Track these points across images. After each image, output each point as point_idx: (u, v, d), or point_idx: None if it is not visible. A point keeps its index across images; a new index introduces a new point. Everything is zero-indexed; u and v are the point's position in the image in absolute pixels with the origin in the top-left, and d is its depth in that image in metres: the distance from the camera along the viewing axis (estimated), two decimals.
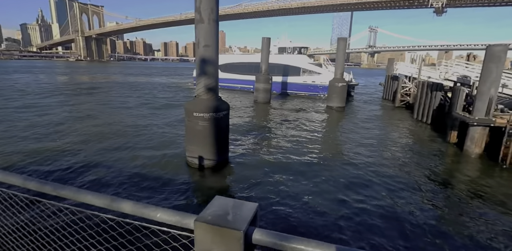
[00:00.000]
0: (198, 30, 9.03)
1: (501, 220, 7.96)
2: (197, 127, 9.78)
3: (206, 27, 8.90)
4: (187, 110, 9.95)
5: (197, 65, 9.56)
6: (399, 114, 26.30)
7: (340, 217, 7.78)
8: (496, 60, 13.64)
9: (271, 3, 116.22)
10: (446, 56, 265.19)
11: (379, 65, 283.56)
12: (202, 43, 9.11)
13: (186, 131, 10.39)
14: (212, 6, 8.71)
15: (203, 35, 9.01)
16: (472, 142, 14.56)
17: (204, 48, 9.14)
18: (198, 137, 9.96)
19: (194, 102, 9.90)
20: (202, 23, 8.87)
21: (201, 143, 10.06)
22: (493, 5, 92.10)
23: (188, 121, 10.03)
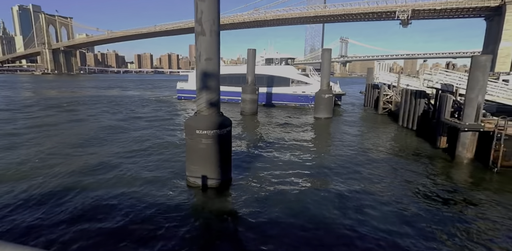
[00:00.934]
0: (199, 42, 8.44)
1: (499, 222, 8.20)
2: (200, 145, 9.03)
3: (207, 39, 8.35)
4: (188, 127, 9.18)
5: (198, 79, 8.92)
6: (384, 121, 26.93)
7: (343, 232, 7.48)
8: (482, 69, 14.21)
9: (246, 15, 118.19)
10: (411, 64, 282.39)
11: (351, 74, 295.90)
12: (204, 56, 8.51)
13: (187, 150, 9.58)
14: (213, 17, 8.20)
15: (205, 48, 8.43)
16: (464, 147, 14.90)
17: (206, 61, 8.54)
18: (201, 155, 9.19)
19: (196, 118, 9.17)
20: (204, 35, 8.31)
21: (204, 162, 9.29)
22: (451, 17, 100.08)
23: (189, 139, 9.24)
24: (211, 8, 8.11)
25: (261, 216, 8.06)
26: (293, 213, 8.29)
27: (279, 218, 8.00)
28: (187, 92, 39.80)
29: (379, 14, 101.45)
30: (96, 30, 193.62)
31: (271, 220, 7.86)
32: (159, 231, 7.23)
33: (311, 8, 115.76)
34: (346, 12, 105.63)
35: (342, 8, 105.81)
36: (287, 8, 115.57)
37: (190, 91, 38.92)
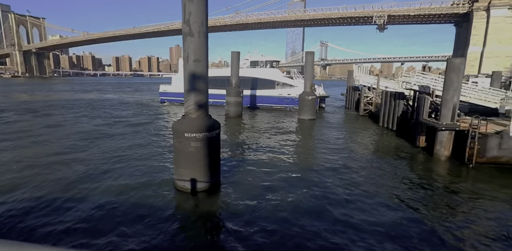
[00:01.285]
0: (187, 43, 8.31)
1: (475, 212, 8.98)
2: (189, 148, 8.85)
3: (196, 40, 8.24)
4: (176, 130, 8.98)
5: (186, 80, 8.76)
6: (365, 122, 27.71)
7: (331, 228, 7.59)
8: (456, 71, 14.99)
9: (227, 18, 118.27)
10: (388, 67, 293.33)
11: (331, 77, 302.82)
12: (192, 57, 8.39)
13: (175, 153, 9.36)
14: (202, 18, 8.11)
15: (193, 49, 8.31)
16: (441, 145, 15.62)
17: (195, 63, 8.42)
18: (190, 159, 9.00)
19: (184, 121, 8.99)
20: (192, 36, 8.19)
21: (193, 165, 9.11)
22: (424, 23, 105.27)
23: (178, 142, 9.04)
24: (200, 9, 8.02)
25: (251, 219, 8.01)
26: (282, 215, 8.30)
27: (268, 220, 7.98)
28: (171, 95, 39.07)
29: (357, 19, 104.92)
30: (71, 31, 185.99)
31: (261, 223, 7.82)
32: (149, 237, 6.99)
33: (292, 12, 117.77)
34: (326, 16, 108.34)
35: (322, 12, 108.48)
36: (269, 12, 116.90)
37: (174, 94, 38.22)
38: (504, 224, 8.15)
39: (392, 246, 6.97)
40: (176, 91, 37.49)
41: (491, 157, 13.61)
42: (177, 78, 38.36)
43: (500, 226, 8.06)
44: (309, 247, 6.89)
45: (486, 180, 12.05)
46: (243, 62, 38.95)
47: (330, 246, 6.93)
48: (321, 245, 6.95)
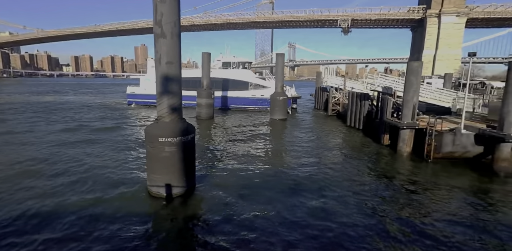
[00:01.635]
0: (159, 45, 8.06)
1: (433, 200, 10.11)
2: (163, 153, 8.59)
3: (168, 42, 8.02)
4: (149, 135, 8.67)
5: (158, 83, 8.49)
6: (333, 122, 28.80)
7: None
8: (415, 74, 16.19)
9: (196, 18, 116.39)
10: (352, 69, 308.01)
11: (299, 78, 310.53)
12: (165, 59, 8.15)
13: (148, 159, 9.03)
14: (174, 19, 7.91)
15: (166, 51, 8.08)
16: (403, 142, 16.76)
17: (167, 65, 8.19)
18: (164, 164, 8.74)
19: (158, 125, 8.71)
20: (164, 38, 7.96)
21: (168, 170, 8.85)
22: (384, 27, 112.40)
23: (151, 147, 8.73)
24: (172, 10, 7.82)
25: (228, 223, 7.96)
26: (259, 217, 8.34)
27: (246, 223, 7.97)
28: (139, 97, 37.42)
29: (323, 22, 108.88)
30: (23, 28, 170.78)
31: (238, 227, 7.78)
32: (124, 247, 6.67)
33: (261, 13, 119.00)
34: (294, 18, 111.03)
35: (290, 15, 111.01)
36: (237, 13, 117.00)
37: (143, 96, 36.68)
38: (458, 207, 9.52)
39: (359, 235, 7.42)
40: (145, 92, 36.08)
41: (446, 153, 14.87)
42: (146, 79, 36.89)
43: (455, 209, 9.35)
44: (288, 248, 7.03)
45: (442, 172, 13.31)
46: (214, 63, 38.54)
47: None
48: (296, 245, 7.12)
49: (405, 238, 7.49)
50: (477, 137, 14.36)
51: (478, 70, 79.21)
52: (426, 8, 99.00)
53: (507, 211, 9.27)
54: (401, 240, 7.41)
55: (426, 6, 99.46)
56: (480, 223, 8.41)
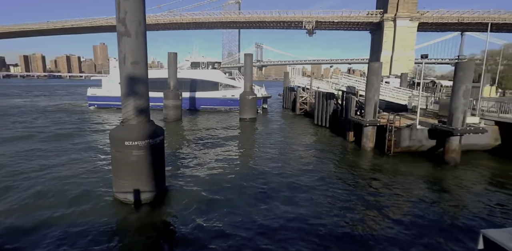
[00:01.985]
0: (123, 44, 7.69)
1: (394, 190, 11.23)
2: (130, 158, 8.22)
3: (133, 41, 7.69)
4: (114, 139, 8.25)
5: (123, 84, 8.11)
6: (301, 121, 29.65)
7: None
8: (376, 74, 17.24)
9: (161, 17, 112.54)
10: (317, 69, 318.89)
11: (267, 78, 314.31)
12: (130, 59, 7.80)
13: (114, 164, 8.59)
14: (139, 17, 7.60)
15: (130, 50, 7.74)
16: (367, 139, 17.78)
17: (133, 65, 7.85)
18: (132, 169, 8.37)
19: (124, 128, 8.31)
20: (129, 36, 7.61)
21: (136, 175, 8.50)
22: (346, 29, 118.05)
23: (116, 152, 8.31)
24: (136, 8, 7.50)
25: (200, 227, 7.82)
26: (232, 219, 8.28)
27: (219, 226, 7.89)
28: (101, 99, 35.23)
29: (289, 23, 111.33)
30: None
31: (211, 230, 7.68)
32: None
33: (227, 13, 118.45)
34: (260, 19, 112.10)
35: (257, 15, 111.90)
36: (204, 12, 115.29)
37: (105, 98, 34.63)
38: (415, 193, 10.82)
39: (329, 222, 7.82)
40: (108, 94, 34.12)
41: (404, 147, 16.05)
42: (109, 80, 34.88)
43: (412, 195, 10.64)
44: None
45: (401, 164, 14.58)
46: (183, 64, 37.58)
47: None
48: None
49: (370, 222, 8.36)
50: (430, 131, 15.68)
51: (429, 70, 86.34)
52: (383, 13, 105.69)
53: (454, 195, 10.78)
54: (366, 225, 8.23)
55: (383, 11, 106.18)
56: (435, 205, 9.76)
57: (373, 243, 7.29)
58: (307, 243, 7.20)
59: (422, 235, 7.74)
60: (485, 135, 15.37)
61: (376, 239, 7.48)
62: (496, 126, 16.01)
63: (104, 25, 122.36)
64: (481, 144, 16.23)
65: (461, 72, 14.17)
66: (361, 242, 7.36)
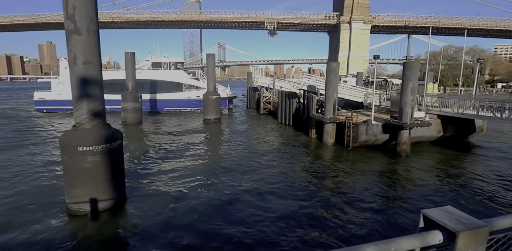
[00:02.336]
0: (73, 43, 7.13)
1: (353, 181, 12.14)
2: (84, 164, 7.68)
3: (85, 40, 7.17)
4: (66, 145, 7.63)
5: (74, 86, 7.53)
6: (265, 120, 30.10)
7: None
8: (334, 73, 18.11)
9: (115, 14, 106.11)
10: (279, 69, 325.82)
11: (230, 78, 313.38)
12: (81, 59, 7.26)
13: (66, 172, 7.95)
14: (91, 14, 7.10)
15: (82, 50, 7.20)
16: (328, 135, 18.65)
17: (84, 66, 7.32)
18: (87, 176, 7.83)
19: (76, 133, 7.72)
20: (79, 35, 7.08)
21: (92, 183, 7.96)
22: (306, 30, 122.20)
23: (68, 158, 7.70)
24: (87, 3, 6.97)
25: (163, 234, 7.55)
26: (196, 225, 8.07)
27: (182, 232, 7.66)
28: (51, 104, 32.18)
29: (251, 23, 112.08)
30: None
31: (174, 237, 7.44)
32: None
33: (188, 12, 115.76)
34: (222, 19, 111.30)
35: (219, 15, 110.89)
36: (163, 11, 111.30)
37: (56, 102, 31.75)
38: (370, 182, 11.91)
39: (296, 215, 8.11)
40: (59, 98, 31.38)
41: (362, 141, 17.10)
42: (59, 82, 32.03)
43: (368, 183, 11.72)
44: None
45: (359, 157, 15.70)
46: (143, 64, 35.94)
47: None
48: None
49: (331, 210, 9.12)
50: (384, 126, 16.89)
51: (382, 70, 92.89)
52: (339, 15, 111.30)
53: (404, 182, 12.00)
54: (326, 213, 8.97)
55: (339, 13, 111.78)
56: (388, 192, 11.00)
57: (334, 225, 8.07)
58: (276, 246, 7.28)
59: (376, 217, 8.65)
60: (430, 127, 16.97)
61: (336, 221, 8.31)
62: (438, 119, 17.76)
63: (51, 22, 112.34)
64: (427, 136, 17.89)
65: (408, 71, 15.50)
66: (323, 225, 8.12)
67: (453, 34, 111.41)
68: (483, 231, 1.50)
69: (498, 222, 1.62)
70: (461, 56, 45.24)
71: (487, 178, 12.43)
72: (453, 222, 1.52)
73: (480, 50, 73.10)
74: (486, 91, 62.72)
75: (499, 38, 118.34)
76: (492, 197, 10.43)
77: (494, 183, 11.88)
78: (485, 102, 15.43)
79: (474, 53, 67.97)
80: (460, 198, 10.26)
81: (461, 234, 1.45)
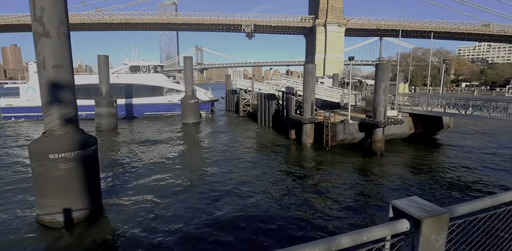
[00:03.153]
0: (42, 46, 6.79)
1: (333, 178, 12.65)
2: (56, 172, 7.31)
3: (54, 43, 6.85)
4: (35, 152, 7.24)
5: (43, 91, 7.16)
6: (245, 122, 30.17)
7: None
8: (311, 74, 18.53)
9: (86, 15, 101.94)
10: (258, 71, 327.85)
11: (208, 81, 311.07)
12: (50, 63, 6.93)
13: (36, 182, 7.54)
14: (61, 16, 6.80)
15: (51, 53, 6.87)
16: (306, 135, 19.03)
17: (55, 69, 6.99)
18: (60, 185, 7.46)
19: (47, 140, 7.35)
20: (48, 37, 6.75)
21: (66, 191, 7.60)
22: (283, 33, 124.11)
23: (39, 167, 7.31)
24: (56, 5, 6.66)
25: (141, 243, 7.33)
26: (177, 231, 7.90)
27: (163, 239, 7.48)
28: (20, 111, 30.04)
29: (228, 26, 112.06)
30: None
31: (155, 244, 7.26)
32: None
33: (163, 14, 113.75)
34: (199, 22, 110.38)
35: (195, 17, 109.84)
36: (137, 12, 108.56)
37: (25, 109, 29.79)
38: (347, 179, 12.45)
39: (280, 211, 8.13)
40: (29, 104, 29.53)
41: (340, 140, 17.61)
42: (29, 87, 30.11)
43: (345, 180, 12.25)
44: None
45: (337, 156, 16.22)
46: (120, 67, 34.79)
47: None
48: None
49: (311, 208, 9.45)
50: (360, 125, 17.50)
51: (356, 71, 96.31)
52: (315, 18, 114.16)
53: (378, 178, 12.62)
54: (308, 206, 9.45)
55: (314, 16, 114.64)
56: (362, 187, 11.54)
57: (312, 221, 8.44)
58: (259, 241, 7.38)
59: (351, 210, 9.20)
60: (403, 125, 17.81)
61: (314, 217, 8.72)
62: (410, 117, 18.67)
63: (16, 24, 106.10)
64: (399, 133, 18.75)
65: (381, 72, 16.20)
66: (302, 221, 8.45)
67: (421, 36, 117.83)
68: (444, 217, 1.65)
69: (458, 209, 1.78)
70: (428, 57, 47.85)
71: (452, 170, 13.51)
72: (418, 210, 1.65)
73: (445, 51, 77.86)
74: (452, 90, 66.76)
75: (462, 40, 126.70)
76: (456, 186, 11.49)
77: (459, 174, 12.96)
78: (451, 100, 16.45)
79: (440, 55, 72.24)
80: (429, 190, 11.11)
81: (425, 221, 1.58)
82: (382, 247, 1.62)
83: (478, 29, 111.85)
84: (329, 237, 1.44)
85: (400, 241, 1.67)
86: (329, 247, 1.40)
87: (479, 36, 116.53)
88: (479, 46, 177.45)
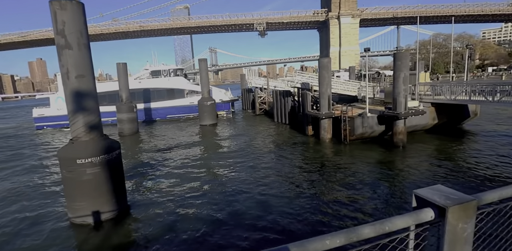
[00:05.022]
0: (65, 57, 7.17)
1: (352, 172, 12.45)
2: (84, 177, 7.69)
3: (76, 54, 7.21)
4: (64, 158, 7.65)
5: (69, 100, 7.56)
6: (262, 120, 30.13)
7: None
8: (326, 69, 18.24)
9: (104, 26, 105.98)
10: (272, 68, 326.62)
11: (224, 81, 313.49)
12: (74, 73, 7.31)
13: (66, 186, 7.96)
14: (80, 28, 7.15)
15: (74, 64, 7.25)
16: (324, 130, 18.73)
17: (78, 79, 7.36)
18: (87, 188, 7.83)
19: (74, 146, 7.74)
20: (70, 49, 7.13)
21: (93, 195, 7.97)
22: (296, 29, 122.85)
23: (68, 172, 7.71)
24: (76, 17, 7.03)
25: (167, 243, 7.46)
26: (199, 234, 7.89)
27: (186, 241, 7.57)
28: (51, 120, 31.66)
29: (240, 26, 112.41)
30: None
31: (179, 246, 7.36)
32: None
33: (177, 19, 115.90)
34: (211, 24, 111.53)
35: (207, 20, 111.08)
36: (151, 19, 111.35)
37: (56, 118, 31.39)
38: (368, 174, 12.14)
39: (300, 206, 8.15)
40: (59, 113, 31.02)
41: (358, 134, 17.20)
42: (58, 97, 31.56)
43: (367, 176, 11.93)
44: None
45: (357, 150, 15.85)
46: (142, 73, 35.89)
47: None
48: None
49: (334, 201, 9.46)
50: (379, 118, 17.01)
51: (373, 62, 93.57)
52: (328, 11, 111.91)
53: (400, 171, 12.31)
54: (330, 203, 9.34)
55: (327, 10, 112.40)
56: (384, 179, 11.41)
57: (336, 212, 8.54)
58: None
59: (378, 202, 9.16)
60: (425, 116, 17.12)
61: (338, 208, 8.81)
62: (432, 107, 17.92)
63: (40, 39, 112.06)
64: (422, 124, 18.04)
65: (399, 61, 15.65)
66: (326, 212, 8.59)
67: (441, 22, 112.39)
68: (471, 205, 1.58)
69: (486, 196, 1.70)
70: (450, 43, 45.57)
71: (480, 159, 13.00)
72: (442, 198, 1.59)
73: (468, 36, 73.89)
74: (477, 75, 63.22)
75: (486, 22, 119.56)
76: (484, 175, 11.08)
77: (487, 162, 12.47)
78: (477, 87, 15.59)
79: (463, 39, 68.69)
80: (457, 180, 10.79)
81: (450, 209, 1.52)
82: (406, 237, 1.59)
83: (503, 9, 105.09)
84: (350, 228, 1.42)
85: (425, 231, 1.62)
86: (349, 238, 1.38)
87: (505, 17, 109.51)
88: (505, 27, 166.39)
